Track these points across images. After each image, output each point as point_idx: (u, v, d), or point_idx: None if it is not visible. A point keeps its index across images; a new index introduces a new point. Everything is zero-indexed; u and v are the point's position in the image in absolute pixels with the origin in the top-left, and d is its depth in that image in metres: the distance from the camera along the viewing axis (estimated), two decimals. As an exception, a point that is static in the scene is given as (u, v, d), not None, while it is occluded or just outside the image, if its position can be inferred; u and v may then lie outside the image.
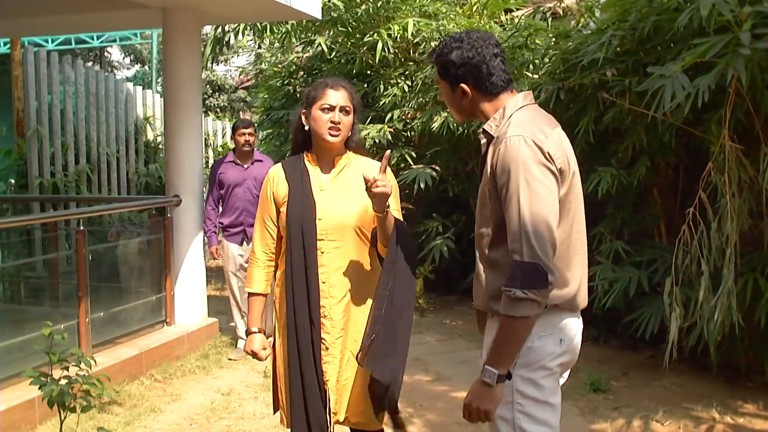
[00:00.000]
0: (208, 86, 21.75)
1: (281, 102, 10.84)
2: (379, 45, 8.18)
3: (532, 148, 2.30)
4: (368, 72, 9.05)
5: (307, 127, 3.04)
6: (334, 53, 9.31)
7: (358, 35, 8.83)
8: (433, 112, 7.97)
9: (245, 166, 6.35)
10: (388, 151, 2.87)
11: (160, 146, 11.14)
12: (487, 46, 2.47)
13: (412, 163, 8.21)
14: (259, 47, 15.06)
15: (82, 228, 5.42)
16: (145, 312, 6.29)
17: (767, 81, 4.48)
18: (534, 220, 2.25)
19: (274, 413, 3.21)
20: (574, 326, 2.51)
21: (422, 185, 7.75)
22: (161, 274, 6.38)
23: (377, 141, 8.31)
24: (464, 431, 4.77)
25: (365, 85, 9.03)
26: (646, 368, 6.01)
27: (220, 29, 9.93)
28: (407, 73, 8.76)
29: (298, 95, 10.46)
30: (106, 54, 25.48)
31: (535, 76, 6.75)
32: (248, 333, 3.14)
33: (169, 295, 6.29)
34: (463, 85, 2.48)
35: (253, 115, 19.03)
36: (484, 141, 2.49)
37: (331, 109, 2.95)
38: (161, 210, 6.59)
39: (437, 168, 8.11)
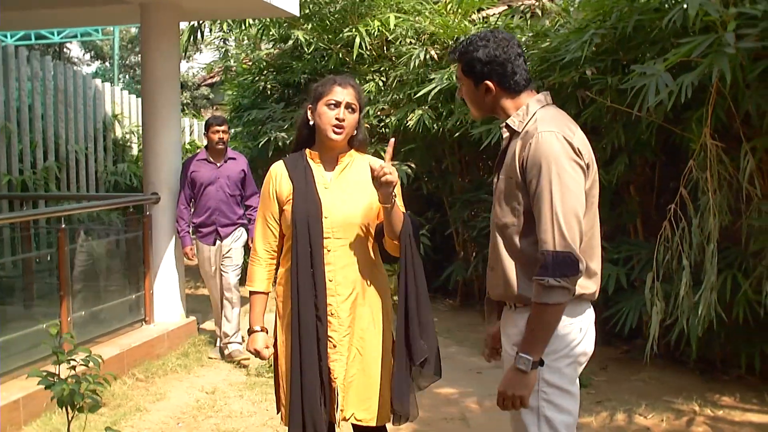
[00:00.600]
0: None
1: (251, 99, 10.79)
2: (357, 40, 8.20)
3: (563, 144, 2.39)
4: (343, 68, 9.05)
5: (312, 122, 3.02)
6: (309, 49, 9.28)
7: (334, 31, 8.85)
8: (408, 109, 8.00)
9: (218, 164, 6.20)
10: (392, 139, 2.87)
11: (129, 144, 11.02)
12: (512, 46, 2.54)
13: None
14: (225, 42, 14.98)
15: (63, 226, 5.34)
16: (123, 311, 6.23)
17: (748, 80, 4.57)
18: (565, 212, 2.34)
19: (278, 412, 3.19)
20: (591, 316, 2.59)
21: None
22: (139, 273, 6.32)
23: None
24: (450, 426, 4.81)
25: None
26: (624, 363, 6.10)
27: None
28: (382, 69, 8.79)
29: (268, 92, 10.43)
30: (65, 50, 25.10)
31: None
32: (250, 332, 3.11)
33: (148, 293, 6.23)
34: (488, 82, 2.54)
35: (214, 112, 18.92)
36: (506, 135, 2.57)
37: (337, 105, 2.94)
38: (137, 208, 6.51)
39: (412, 165, 8.14)
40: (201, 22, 9.11)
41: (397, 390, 2.92)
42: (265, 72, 10.64)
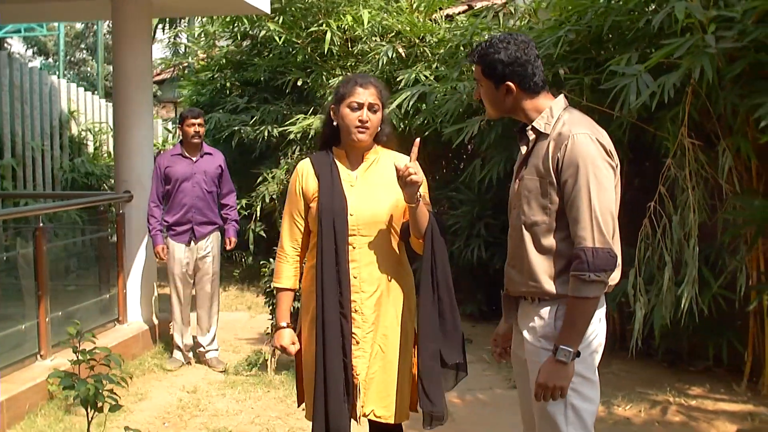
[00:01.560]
0: (117, 80, 21.13)
1: (208, 97, 10.70)
2: (328, 35, 8.21)
3: (597, 146, 2.50)
4: (310, 63, 9.04)
5: (335, 123, 3.03)
6: (280, 41, 9.26)
7: (302, 26, 8.85)
8: (375, 106, 8.03)
9: (194, 159, 5.96)
10: (418, 139, 2.89)
11: (85, 141, 10.83)
12: (531, 48, 2.62)
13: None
14: (176, 39, 14.79)
15: (42, 225, 5.23)
16: (97, 311, 6.12)
17: (724, 81, 4.72)
18: (602, 210, 2.45)
19: (299, 406, 3.21)
20: (605, 307, 2.68)
21: None
22: (110, 272, 6.22)
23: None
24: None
25: (306, 77, 9.04)
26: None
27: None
28: (348, 65, 8.81)
29: (227, 90, 10.35)
30: (5, 45, 24.42)
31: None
32: (277, 328, 3.13)
33: (121, 293, 6.13)
34: (509, 83, 2.60)
35: (160, 109, 18.66)
36: (532, 137, 2.64)
37: (360, 107, 2.95)
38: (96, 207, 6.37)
39: None
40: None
41: (432, 393, 2.92)
42: (224, 69, 10.58)
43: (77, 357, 3.36)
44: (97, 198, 6.70)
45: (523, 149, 2.70)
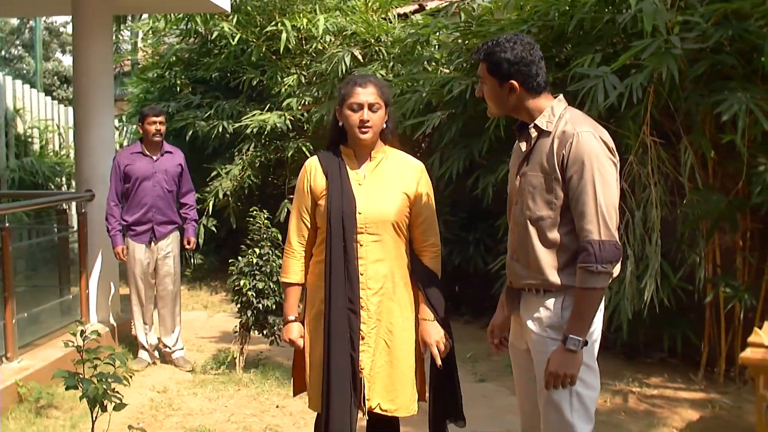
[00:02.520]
0: (55, 77, 20.73)
1: (156, 95, 10.56)
2: (284, 35, 8.22)
3: (600, 143, 2.62)
4: (265, 62, 9.03)
5: (341, 123, 3.10)
6: (234, 41, 9.22)
7: (257, 25, 8.83)
8: (332, 105, 8.07)
9: (155, 157, 5.87)
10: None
11: (31, 139, 10.60)
12: (536, 49, 2.71)
13: (309, 156, 8.25)
14: (120, 36, 14.55)
15: (7, 225, 5.12)
16: (58, 311, 6.01)
17: (687, 81, 4.90)
18: (607, 205, 2.57)
19: (294, 396, 3.32)
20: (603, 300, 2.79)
21: None
22: (70, 271, 6.12)
23: (278, 128, 8.35)
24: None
25: (261, 75, 9.02)
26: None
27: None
28: (303, 63, 8.83)
29: (177, 88, 10.25)
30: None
31: (446, 71, 6.96)
32: (286, 322, 3.19)
33: (83, 293, 6.03)
34: (513, 82, 2.68)
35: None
36: (534, 135, 2.72)
37: (360, 107, 3.01)
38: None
39: None
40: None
41: (450, 400, 3.20)
42: (174, 67, 10.47)
43: (81, 356, 3.31)
44: (57, 198, 6.56)
45: (523, 146, 2.79)
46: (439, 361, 3.09)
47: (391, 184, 3.08)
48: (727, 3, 4.67)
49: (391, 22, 8.78)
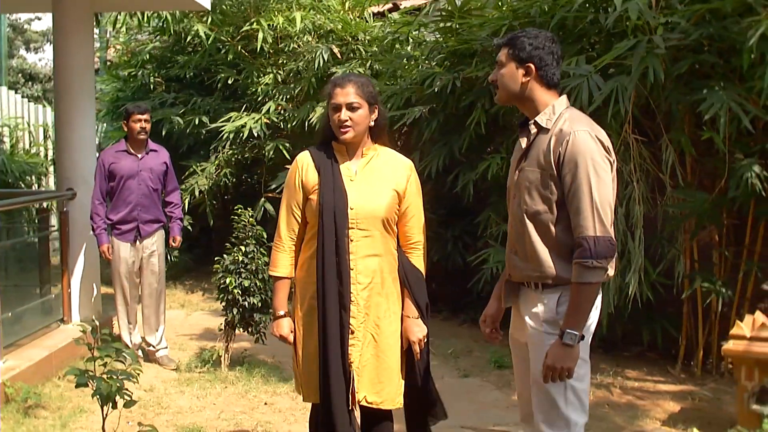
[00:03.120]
0: (19, 75, 20.44)
1: (130, 93, 10.46)
2: (260, 35, 8.22)
3: (596, 142, 2.70)
4: (241, 61, 9.01)
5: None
6: (196, 42, 9.17)
7: (232, 24, 8.81)
8: (310, 105, 8.09)
9: (140, 155, 5.84)
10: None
11: (1, 138, 10.45)
12: (557, 46, 2.81)
13: (288, 156, 8.28)
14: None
15: (-7, 223, 5.09)
16: (40, 311, 5.95)
17: (669, 79, 5.00)
18: (602, 201, 2.64)
19: (305, 401, 3.33)
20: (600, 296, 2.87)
21: None
22: (49, 270, 6.07)
23: (254, 132, 8.34)
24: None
25: (237, 74, 9.00)
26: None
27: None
28: (280, 62, 8.83)
29: (150, 86, 10.17)
30: None
31: (427, 65, 7.00)
32: (276, 317, 3.22)
33: (65, 292, 5.98)
34: (530, 65, 2.76)
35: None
36: (534, 131, 2.81)
37: (339, 108, 3.07)
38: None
39: None
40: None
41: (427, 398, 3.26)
42: (147, 65, 10.39)
43: (92, 354, 3.30)
44: (39, 196, 6.49)
45: (523, 142, 2.87)
46: (418, 357, 3.17)
47: (381, 180, 3.15)
48: (706, 2, 4.78)
49: (367, 21, 8.82)
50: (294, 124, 8.28)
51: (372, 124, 3.16)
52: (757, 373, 4.27)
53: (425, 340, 3.19)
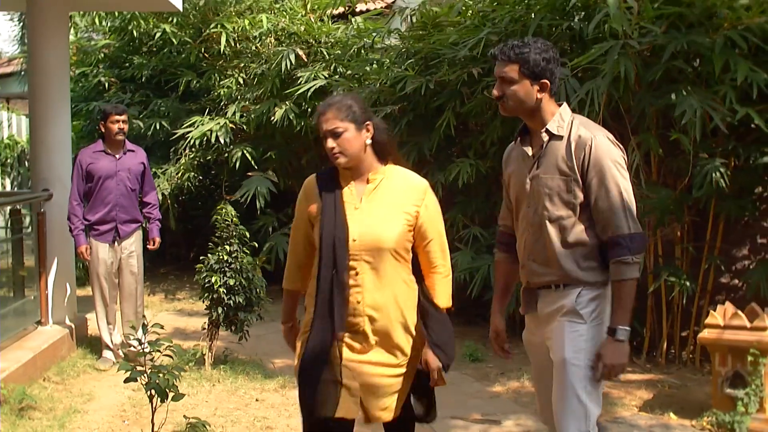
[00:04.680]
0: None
1: (82, 94, 10.33)
2: (223, 37, 8.26)
3: (617, 146, 2.87)
4: (201, 63, 9.02)
5: None
6: (151, 42, 9.14)
7: (193, 26, 8.82)
8: (271, 104, 8.16)
9: (117, 156, 5.83)
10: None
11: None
12: (557, 54, 2.92)
13: (252, 161, 8.34)
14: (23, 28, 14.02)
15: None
16: (15, 313, 5.89)
17: (642, 84, 5.28)
18: (630, 201, 2.82)
19: None
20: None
21: (262, 200, 8.02)
22: (24, 273, 6.01)
23: (218, 137, 8.36)
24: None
25: (198, 77, 9.01)
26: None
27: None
28: (242, 65, 8.87)
29: (105, 86, 10.07)
30: None
31: (398, 69, 7.15)
32: (282, 323, 3.24)
33: (43, 294, 5.93)
34: (545, 81, 2.86)
35: (12, 105, 17.67)
36: (546, 138, 2.91)
37: (326, 137, 2.93)
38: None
39: (273, 174, 8.30)
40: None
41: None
42: (100, 65, 10.29)
43: (141, 349, 3.35)
44: (14, 198, 6.40)
45: (529, 150, 2.96)
46: (434, 384, 3.07)
47: (391, 207, 2.96)
48: (675, 5, 5.06)
49: (325, 23, 8.92)
50: (256, 125, 8.32)
51: (369, 142, 2.96)
52: (730, 359, 4.57)
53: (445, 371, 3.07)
